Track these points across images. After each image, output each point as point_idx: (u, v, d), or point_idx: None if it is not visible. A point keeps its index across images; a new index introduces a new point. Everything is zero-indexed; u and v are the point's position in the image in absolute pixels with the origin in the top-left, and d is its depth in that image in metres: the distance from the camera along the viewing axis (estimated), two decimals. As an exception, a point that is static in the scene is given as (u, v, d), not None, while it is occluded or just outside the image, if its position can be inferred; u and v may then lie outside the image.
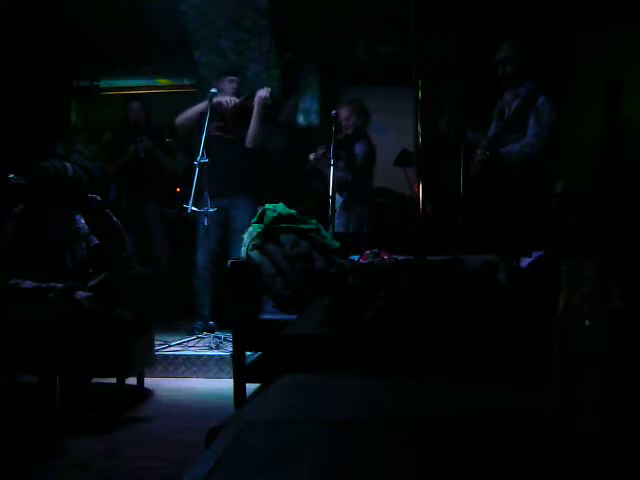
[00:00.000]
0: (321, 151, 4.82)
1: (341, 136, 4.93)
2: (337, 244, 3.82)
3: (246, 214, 4.79)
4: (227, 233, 4.89)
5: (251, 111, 4.94)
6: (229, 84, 5.03)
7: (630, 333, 1.20)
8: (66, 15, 5.68)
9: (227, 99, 4.92)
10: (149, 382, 4.04)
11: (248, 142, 4.94)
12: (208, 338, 4.61)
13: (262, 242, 3.66)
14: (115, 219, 3.76)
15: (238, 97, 4.97)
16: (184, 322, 5.05)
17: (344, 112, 4.96)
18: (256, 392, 3.23)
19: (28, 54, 5.97)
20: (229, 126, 4.99)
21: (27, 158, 4.45)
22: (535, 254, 2.32)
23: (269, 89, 4.91)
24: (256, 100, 4.89)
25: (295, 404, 1.31)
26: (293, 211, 3.83)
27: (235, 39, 5.92)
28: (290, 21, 5.84)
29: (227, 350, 4.35)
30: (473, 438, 1.08)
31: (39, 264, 3.47)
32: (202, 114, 4.81)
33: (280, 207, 3.79)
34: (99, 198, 3.78)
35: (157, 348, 4.29)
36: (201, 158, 4.51)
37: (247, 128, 4.94)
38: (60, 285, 3.37)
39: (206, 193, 4.60)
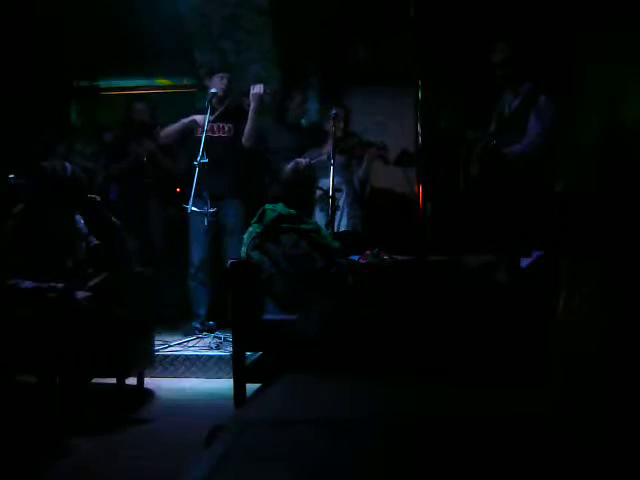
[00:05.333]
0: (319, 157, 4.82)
1: (340, 135, 4.94)
2: (337, 244, 3.81)
3: (236, 214, 4.84)
4: (219, 233, 4.87)
5: (245, 109, 4.93)
6: (219, 81, 4.98)
7: (630, 332, 1.20)
8: (66, 15, 5.67)
9: (200, 118, 4.85)
10: (149, 382, 4.04)
11: (245, 140, 4.90)
12: (208, 338, 4.62)
13: (262, 242, 3.65)
14: (114, 219, 3.76)
15: (228, 94, 4.97)
16: (184, 322, 5.05)
17: (342, 113, 5.00)
18: (256, 392, 3.24)
19: (28, 54, 5.97)
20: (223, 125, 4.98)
21: (27, 158, 4.44)
22: (535, 254, 2.32)
23: (262, 85, 4.86)
24: (251, 97, 4.84)
25: (295, 404, 1.31)
26: (293, 211, 3.83)
27: (235, 39, 5.91)
28: (290, 21, 5.83)
29: (227, 350, 4.35)
30: (472, 438, 1.08)
31: (39, 264, 3.47)
32: (179, 132, 4.98)
33: (280, 207, 3.79)
34: (99, 198, 3.78)
35: (157, 348, 4.29)
36: (201, 158, 4.51)
37: (242, 126, 4.90)
38: (60, 285, 3.37)
39: (206, 193, 4.61)
